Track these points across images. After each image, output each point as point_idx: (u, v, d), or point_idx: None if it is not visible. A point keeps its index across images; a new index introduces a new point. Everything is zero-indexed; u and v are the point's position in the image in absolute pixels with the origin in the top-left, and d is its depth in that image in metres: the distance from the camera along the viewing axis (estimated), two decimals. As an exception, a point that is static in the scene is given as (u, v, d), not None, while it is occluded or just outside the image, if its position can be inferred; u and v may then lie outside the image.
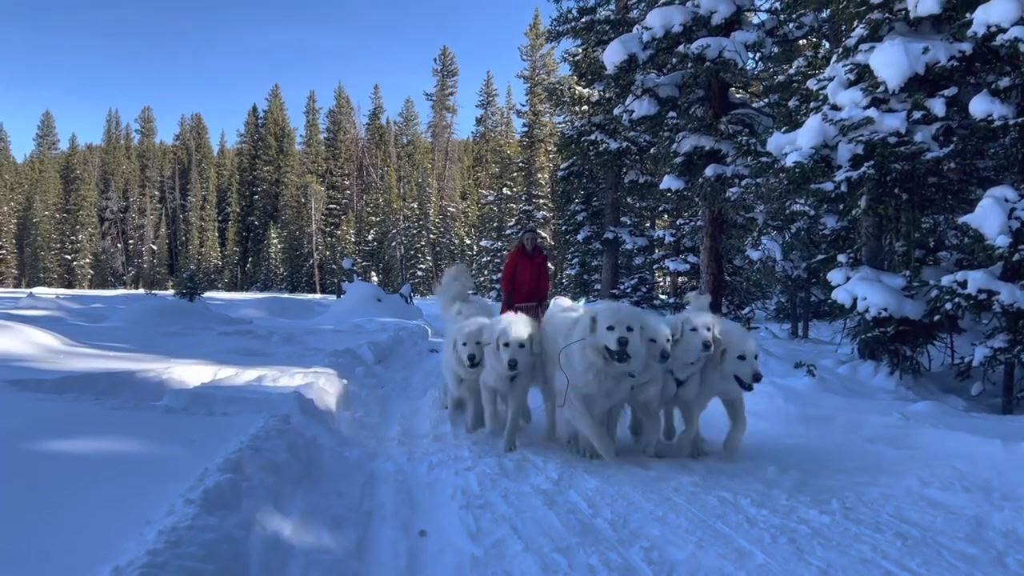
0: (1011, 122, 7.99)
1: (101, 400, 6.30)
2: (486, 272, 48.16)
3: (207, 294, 31.85)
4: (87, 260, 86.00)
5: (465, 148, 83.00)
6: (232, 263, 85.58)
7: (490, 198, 53.20)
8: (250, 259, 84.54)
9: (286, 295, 44.67)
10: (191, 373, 8.07)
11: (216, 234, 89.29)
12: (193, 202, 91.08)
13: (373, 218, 70.96)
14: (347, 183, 79.70)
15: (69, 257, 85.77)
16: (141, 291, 58.70)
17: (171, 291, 33.11)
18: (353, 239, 71.42)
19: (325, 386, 7.75)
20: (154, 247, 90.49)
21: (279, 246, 77.90)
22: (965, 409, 8.13)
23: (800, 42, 14.96)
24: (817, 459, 6.61)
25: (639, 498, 5.39)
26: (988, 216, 7.90)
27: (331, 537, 4.02)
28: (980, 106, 8.20)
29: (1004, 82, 8.27)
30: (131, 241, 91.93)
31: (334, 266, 65.49)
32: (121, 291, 59.67)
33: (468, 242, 61.49)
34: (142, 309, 18.37)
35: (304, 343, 13.59)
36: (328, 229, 74.90)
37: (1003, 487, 5.30)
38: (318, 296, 48.74)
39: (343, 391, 8.38)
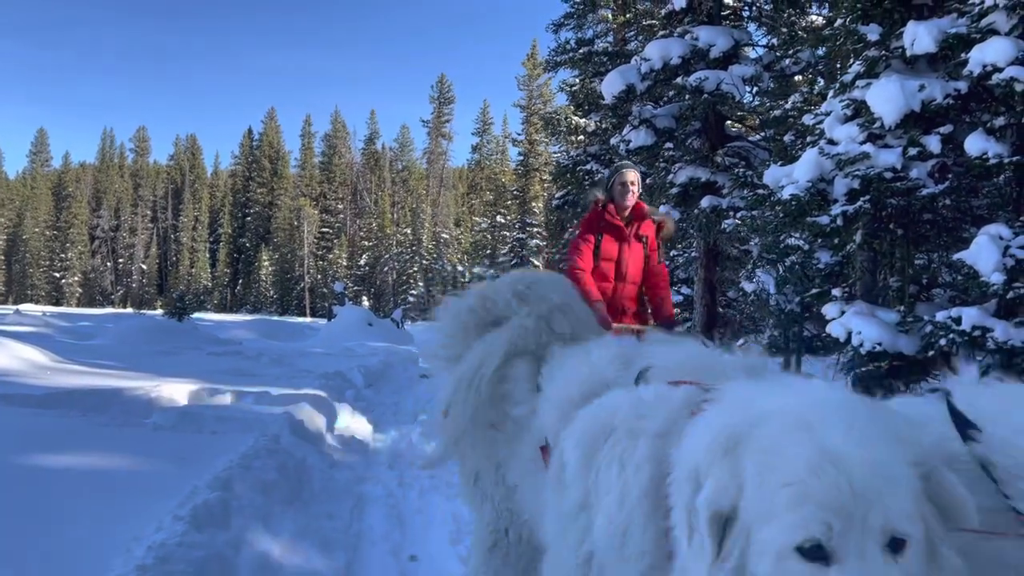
0: (1006, 160, 8.04)
1: (88, 416, 6.21)
2: (477, 299, 48.11)
3: (196, 315, 31.68)
4: (76, 278, 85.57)
5: (460, 175, 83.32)
6: (222, 284, 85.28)
7: (484, 225, 53.32)
8: (240, 281, 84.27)
9: (276, 318, 44.47)
10: (180, 391, 7.97)
11: (207, 255, 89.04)
12: (185, 222, 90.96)
13: (366, 243, 70.97)
14: (341, 207, 79.81)
15: (58, 275, 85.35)
16: (130, 310, 58.36)
17: (160, 311, 32.92)
18: (345, 263, 71.36)
19: (315, 407, 7.66)
20: (144, 267, 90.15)
21: (270, 268, 77.72)
22: (959, 446, 8.09)
23: (796, 78, 15.12)
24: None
25: (633, 527, 5.32)
26: (983, 253, 7.92)
27: (321, 559, 3.94)
28: (975, 144, 8.25)
29: (999, 121, 8.34)
30: (121, 260, 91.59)
31: (325, 290, 65.33)
32: (110, 310, 59.34)
33: (461, 269, 61.52)
34: (130, 328, 18.22)
35: (294, 365, 13.48)
36: (320, 252, 74.84)
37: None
38: (308, 320, 48.52)
39: (333, 413, 8.29)
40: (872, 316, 9.24)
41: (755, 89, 13.51)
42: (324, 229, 77.51)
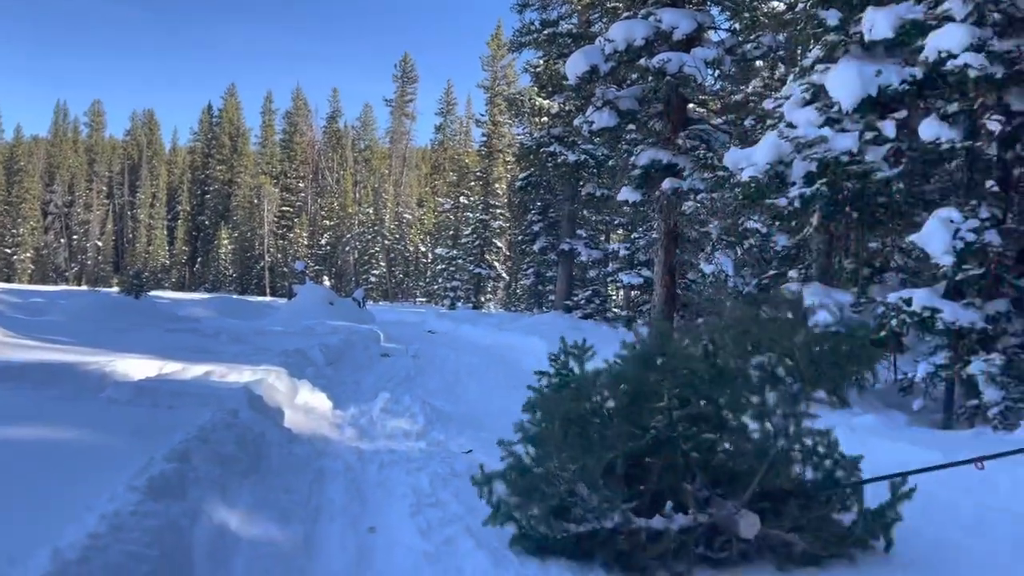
0: (957, 145, 8.24)
1: (40, 390, 6.09)
2: (440, 280, 48.01)
3: (153, 293, 31.14)
4: (28, 255, 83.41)
5: (423, 155, 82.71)
6: (180, 263, 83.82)
7: (446, 206, 53.10)
8: (199, 259, 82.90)
9: (236, 296, 43.90)
10: (135, 367, 7.85)
11: (165, 233, 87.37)
12: (142, 199, 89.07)
13: (327, 222, 70.23)
14: (302, 186, 78.79)
15: (9, 251, 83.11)
16: (84, 288, 57.14)
17: (116, 288, 32.27)
18: (306, 242, 70.56)
19: (275, 383, 7.61)
20: (99, 244, 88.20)
21: (230, 247, 76.55)
22: (907, 424, 8.32)
23: (758, 63, 15.28)
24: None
25: (590, 501, 5.40)
26: (934, 236, 8.12)
27: (278, 530, 3.94)
28: (929, 129, 8.44)
29: (952, 107, 8.53)
30: (75, 237, 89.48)
31: (285, 269, 64.57)
32: (63, 287, 58.04)
33: (423, 249, 61.26)
34: (84, 304, 17.85)
35: (253, 343, 13.35)
36: (280, 231, 73.87)
37: (943, 496, 5.42)
38: (268, 299, 47.97)
39: (292, 389, 8.24)
40: (827, 297, 9.43)
41: (717, 72, 13.62)
42: (285, 208, 76.47)
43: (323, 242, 68.29)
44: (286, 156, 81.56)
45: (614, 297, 34.16)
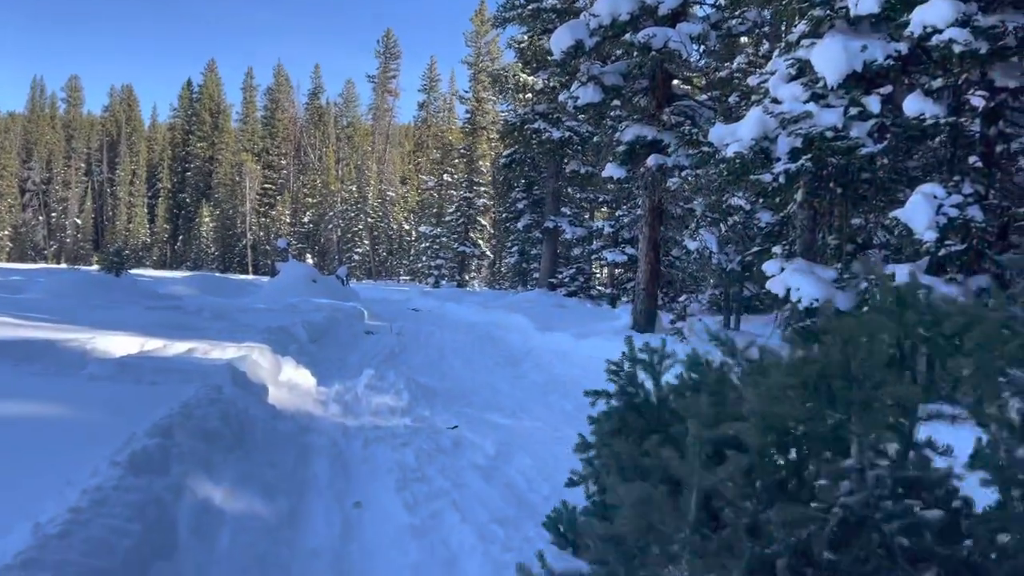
0: (942, 121, 8.26)
1: (20, 366, 6.01)
2: (424, 258, 47.85)
3: (134, 271, 30.80)
4: (6, 232, 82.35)
5: (406, 133, 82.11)
6: (161, 241, 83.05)
7: (430, 184, 52.84)
8: (181, 237, 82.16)
9: (218, 274, 43.56)
10: (116, 344, 7.77)
11: (145, 210, 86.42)
12: (122, 176, 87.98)
13: (310, 199, 69.73)
14: (284, 163, 78.07)
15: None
16: (64, 266, 56.51)
17: (96, 266, 31.86)
18: (288, 220, 70.06)
19: (259, 359, 7.56)
20: (79, 221, 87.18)
21: (211, 225, 75.89)
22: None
23: (742, 39, 15.20)
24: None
25: (576, 475, 5.41)
26: (918, 211, 8.16)
27: (263, 505, 3.92)
28: (913, 105, 8.45)
29: (936, 82, 8.55)
30: (54, 215, 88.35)
31: (268, 247, 64.15)
32: (42, 265, 57.37)
33: (407, 227, 61.00)
34: (64, 282, 17.64)
35: (236, 320, 13.25)
36: (263, 209, 73.27)
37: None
38: (251, 277, 47.67)
39: (276, 366, 8.19)
40: (810, 273, 9.46)
41: (702, 48, 13.55)
42: (267, 185, 75.82)
43: (306, 220, 67.85)
44: (268, 133, 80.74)
45: (598, 275, 34.22)
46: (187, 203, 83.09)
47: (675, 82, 14.88)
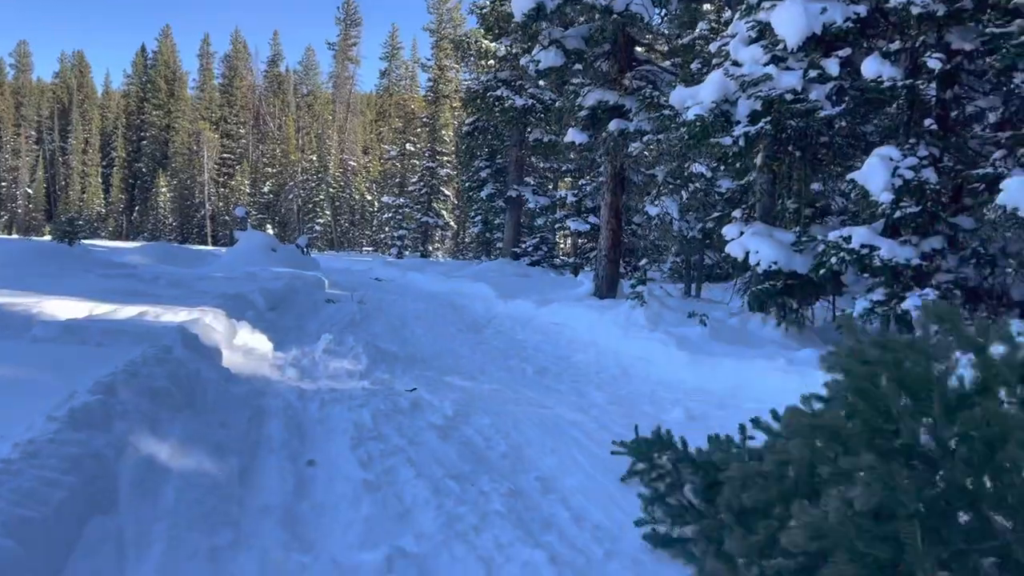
0: (899, 83, 8.30)
1: (-40, 330, 5.81)
2: (386, 229, 47.44)
3: (88, 241, 30.08)
4: (-47, 203, 79.87)
5: (368, 101, 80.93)
6: (117, 211, 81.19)
7: (392, 153, 52.19)
8: (137, 208, 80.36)
9: (176, 244, 42.76)
10: (64, 308, 7.55)
11: (100, 180, 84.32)
12: (74, 145, 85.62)
13: (269, 169, 68.56)
14: (242, 132, 76.57)
15: (-67, 199, 79.43)
16: (15, 236, 55.06)
17: (48, 236, 31.04)
18: (248, 190, 68.88)
19: (212, 323, 7.41)
20: (30, 191, 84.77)
21: (168, 195, 74.32)
22: (844, 358, 8.50)
23: (705, 6, 15.14)
24: (708, 400, 6.80)
25: (535, 434, 5.40)
26: (874, 173, 8.23)
27: (212, 463, 3.83)
28: (871, 67, 8.48)
29: (894, 45, 8.58)
30: (3, 184, 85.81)
31: (227, 217, 63.11)
32: (-8, 236, 55.75)
33: (369, 198, 60.36)
34: (13, 250, 17.12)
35: (192, 287, 12.98)
36: (222, 179, 71.92)
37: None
38: (210, 247, 46.88)
39: (231, 331, 8.04)
40: (769, 237, 9.53)
41: (664, 12, 13.45)
42: (225, 155, 74.37)
43: (266, 190, 66.78)
44: (226, 101, 79.06)
45: (562, 245, 34.25)
46: (143, 173, 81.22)
47: (638, 49, 14.79)
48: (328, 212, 60.85)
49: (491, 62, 27.17)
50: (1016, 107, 9.00)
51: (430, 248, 43.08)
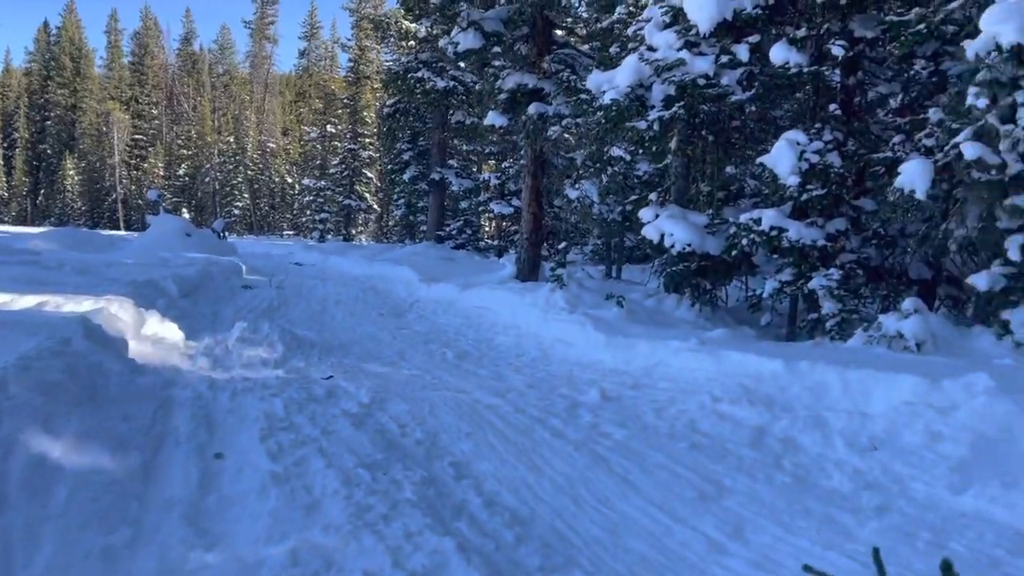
0: (805, 70, 8.55)
1: None
2: (308, 212, 46.54)
3: (-12, 226, 28.56)
4: None
5: (287, 82, 78.89)
6: (20, 195, 77.28)
7: (313, 135, 51.10)
8: (43, 191, 76.63)
9: (85, 230, 41.02)
10: (-44, 299, 7.16)
11: (1, 162, 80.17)
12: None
13: (185, 151, 66.28)
14: (155, 112, 73.75)
15: None
16: (-93, 223, 51.85)
17: (-57, 222, 29.22)
18: (162, 173, 66.47)
19: (118, 313, 7.14)
20: (-77, 175, 79.94)
21: (76, 178, 71.09)
22: (756, 337, 8.79)
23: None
24: (623, 380, 6.92)
25: (452, 419, 5.40)
26: (782, 157, 8.47)
27: (111, 459, 3.70)
28: (779, 54, 8.71)
29: (801, 32, 8.82)
30: None
31: (140, 201, 60.85)
32: None
33: (289, 180, 59.05)
34: (-97, 237, 16.14)
35: (101, 274, 12.46)
36: (134, 162, 69.18)
37: (783, 401, 5.75)
38: (123, 233, 45.15)
39: (139, 320, 7.76)
40: (683, 219, 9.72)
41: (583, -3, 13.52)
42: (137, 136, 71.55)
43: (181, 172, 64.60)
44: (136, 80, 76.01)
45: (487, 227, 34.23)
46: (48, 155, 77.45)
47: (558, 32, 14.81)
48: (247, 195, 59.31)
49: (412, 43, 26.87)
50: (916, 93, 9.37)
51: (353, 231, 42.50)
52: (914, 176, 7.05)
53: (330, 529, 3.27)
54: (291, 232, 53.79)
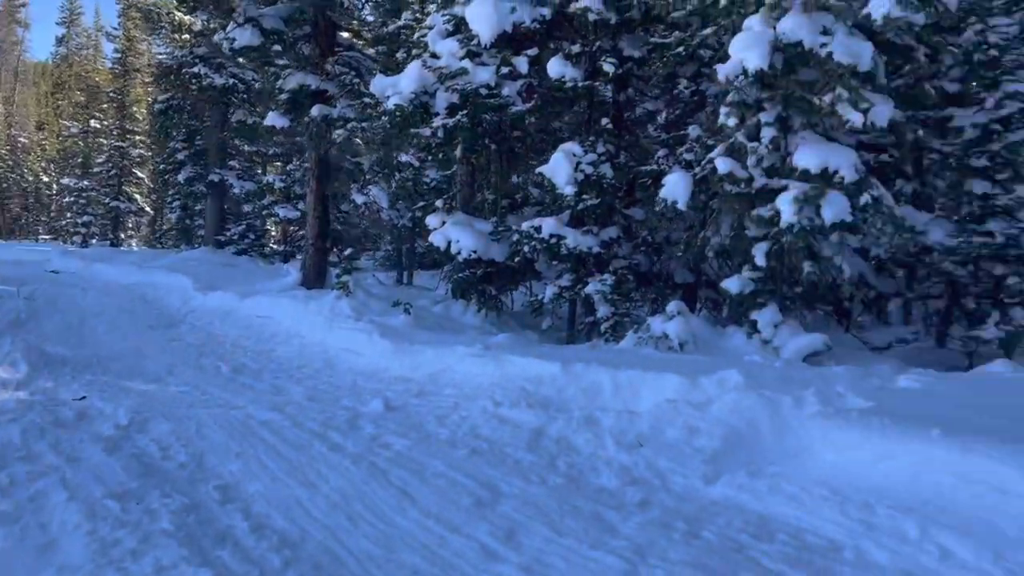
0: (580, 84, 8.96)
1: None
2: (68, 215, 42.36)
3: None
4: None
5: (42, 71, 71.37)
6: None
7: (74, 130, 46.51)
8: None
9: None
10: None
11: None
12: None
13: (-85, 145, 58.02)
14: None
15: None
16: None
17: None
18: None
19: None
20: None
21: None
22: (538, 341, 9.06)
23: (409, -4, 15.25)
24: (409, 388, 6.84)
25: (221, 438, 5.06)
26: (559, 168, 8.81)
27: None
28: (556, 68, 9.06)
29: (575, 48, 9.23)
30: None
31: None
32: None
33: (46, 180, 53.41)
34: None
35: None
36: None
37: (560, 402, 5.94)
38: None
39: None
40: (469, 226, 9.85)
41: (368, 1, 13.32)
42: None
43: (-90, 168, 56.41)
44: None
45: (273, 232, 32.88)
46: None
47: (343, 34, 14.49)
48: (-6, 195, 52.88)
49: (187, 36, 25.22)
50: (679, 111, 10.11)
51: (122, 236, 39.21)
52: (676, 188, 7.59)
53: (66, 570, 2.91)
54: (48, 237, 48.71)
